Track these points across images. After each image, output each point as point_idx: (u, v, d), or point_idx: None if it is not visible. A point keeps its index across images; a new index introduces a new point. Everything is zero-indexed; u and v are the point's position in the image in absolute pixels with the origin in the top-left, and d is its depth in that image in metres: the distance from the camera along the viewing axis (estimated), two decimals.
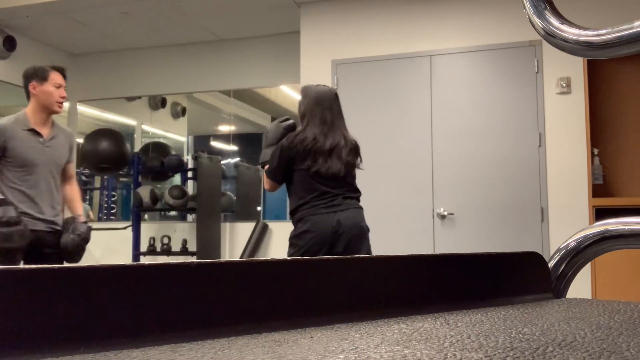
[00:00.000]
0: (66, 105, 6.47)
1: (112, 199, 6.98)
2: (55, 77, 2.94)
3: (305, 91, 2.95)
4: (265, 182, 2.91)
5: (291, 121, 2.99)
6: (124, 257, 5.73)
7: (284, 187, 2.97)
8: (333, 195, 2.80)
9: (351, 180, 2.90)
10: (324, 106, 2.88)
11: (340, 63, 4.81)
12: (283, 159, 2.81)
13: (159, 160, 5.91)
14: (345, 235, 2.76)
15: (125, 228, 5.71)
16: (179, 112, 6.80)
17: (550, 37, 0.77)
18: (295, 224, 2.85)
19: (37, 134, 2.91)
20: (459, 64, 4.57)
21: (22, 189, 2.83)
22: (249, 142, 6.88)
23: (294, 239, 2.83)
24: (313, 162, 2.78)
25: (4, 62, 5.64)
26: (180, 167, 6.05)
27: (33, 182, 2.87)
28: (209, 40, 5.99)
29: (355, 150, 2.94)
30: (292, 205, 2.87)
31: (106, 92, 6.41)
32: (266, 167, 2.88)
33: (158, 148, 6.33)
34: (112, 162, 5.71)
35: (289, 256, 2.79)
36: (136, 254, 5.56)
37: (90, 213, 6.69)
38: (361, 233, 2.83)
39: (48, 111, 2.95)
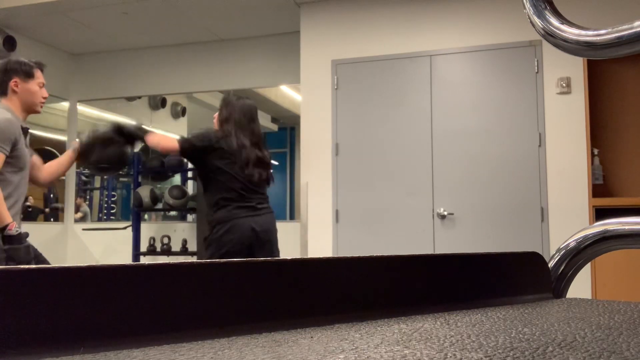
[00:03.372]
0: (66, 105, 6.51)
1: (112, 199, 6.98)
2: (40, 75, 2.67)
3: (227, 99, 3.07)
4: (168, 142, 2.96)
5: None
6: (124, 257, 5.73)
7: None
8: (254, 200, 3.01)
9: (265, 190, 3.12)
10: (249, 117, 3.06)
11: (340, 63, 4.81)
12: (206, 143, 2.92)
13: (159, 160, 5.90)
14: (263, 239, 2.99)
15: (125, 228, 5.71)
16: (179, 112, 6.80)
17: (550, 37, 0.77)
18: (215, 224, 2.92)
19: (26, 133, 2.60)
20: (459, 64, 4.57)
21: (18, 195, 2.49)
22: None
23: (216, 241, 2.90)
24: (241, 166, 2.96)
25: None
26: (180, 167, 6.04)
27: (23, 189, 2.54)
28: (209, 40, 5.99)
29: (270, 164, 3.16)
30: (211, 206, 2.96)
31: (106, 92, 6.41)
32: (153, 132, 3.00)
33: None
34: (112, 162, 5.69)
35: (206, 256, 2.90)
36: (136, 254, 5.56)
37: (77, 215, 6.67)
38: (272, 238, 3.08)
39: (30, 111, 2.63)
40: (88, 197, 6.83)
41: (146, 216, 6.36)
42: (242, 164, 2.96)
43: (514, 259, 0.85)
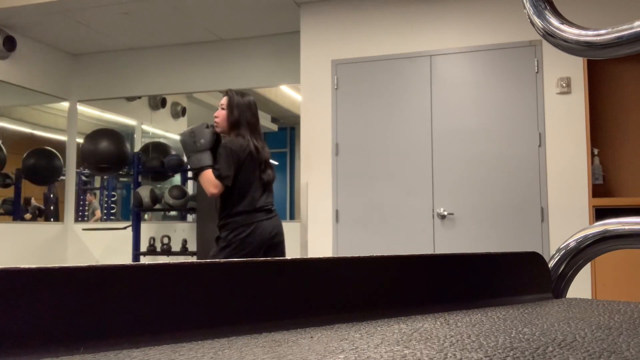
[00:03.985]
0: (66, 105, 6.51)
1: (112, 199, 6.98)
2: None
3: (235, 98, 2.98)
4: (213, 186, 2.82)
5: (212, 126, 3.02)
6: (124, 257, 5.73)
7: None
8: (269, 203, 2.98)
9: (272, 192, 3.08)
10: (256, 116, 3.02)
11: (340, 63, 4.81)
12: (236, 163, 2.85)
13: (159, 160, 5.91)
14: (277, 241, 2.97)
15: (125, 228, 5.71)
16: (179, 112, 6.80)
17: (550, 37, 0.77)
18: (237, 227, 2.87)
19: None
20: (459, 64, 4.57)
21: None
22: None
23: (237, 242, 2.86)
24: (258, 169, 2.92)
25: (4, 62, 5.64)
26: (180, 167, 6.05)
27: None
28: (209, 40, 5.99)
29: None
30: (231, 208, 2.89)
31: (106, 92, 6.41)
32: (208, 171, 2.84)
33: (158, 148, 6.33)
34: (112, 162, 5.71)
35: (221, 256, 2.85)
36: (136, 254, 5.56)
37: (97, 212, 6.69)
38: (283, 239, 3.06)
39: None
40: (87, 194, 6.82)
41: (146, 216, 6.36)
42: (262, 168, 2.94)
43: (514, 259, 0.85)
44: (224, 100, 3.00)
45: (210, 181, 2.83)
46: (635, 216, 0.84)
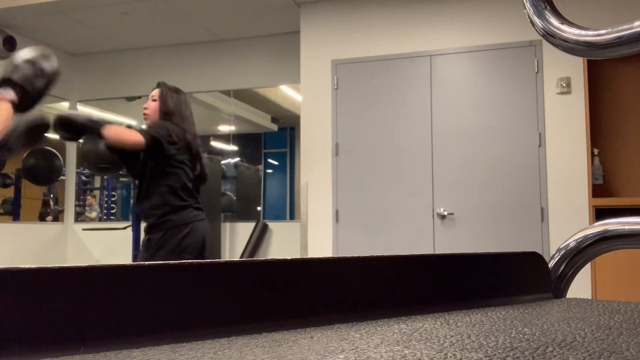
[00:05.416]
0: (66, 105, 6.50)
1: (112, 199, 6.98)
2: None
3: (168, 91, 2.80)
4: (131, 137, 2.50)
5: None
6: (124, 257, 5.73)
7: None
8: (199, 202, 2.75)
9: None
10: (189, 110, 2.83)
11: (340, 63, 4.81)
12: (167, 139, 2.58)
13: None
14: (207, 245, 2.73)
15: (125, 228, 5.71)
16: None
17: (550, 37, 0.77)
18: (173, 226, 2.60)
19: None
20: (459, 64, 4.56)
21: None
22: (249, 142, 6.87)
23: (172, 245, 2.58)
24: (194, 163, 2.71)
25: (4, 62, 5.63)
26: None
27: None
28: (209, 40, 5.99)
29: None
30: (165, 204, 2.61)
31: (106, 92, 6.41)
32: (114, 125, 2.51)
33: None
34: (112, 162, 5.68)
35: (159, 258, 2.57)
36: (136, 254, 5.55)
37: (93, 214, 6.68)
38: (210, 244, 2.81)
39: None
40: (88, 196, 6.82)
41: None
42: (196, 161, 2.73)
43: (514, 259, 0.85)
44: (155, 92, 2.81)
45: (124, 130, 2.54)
46: (635, 216, 0.84)
